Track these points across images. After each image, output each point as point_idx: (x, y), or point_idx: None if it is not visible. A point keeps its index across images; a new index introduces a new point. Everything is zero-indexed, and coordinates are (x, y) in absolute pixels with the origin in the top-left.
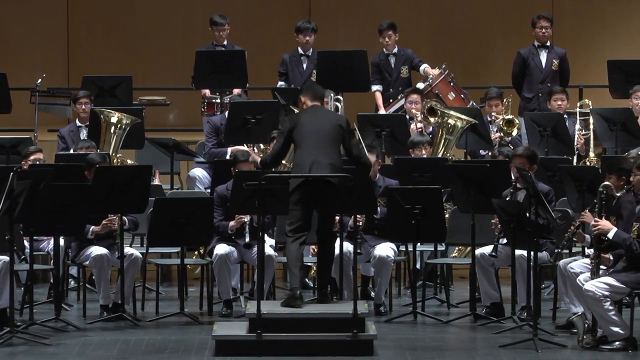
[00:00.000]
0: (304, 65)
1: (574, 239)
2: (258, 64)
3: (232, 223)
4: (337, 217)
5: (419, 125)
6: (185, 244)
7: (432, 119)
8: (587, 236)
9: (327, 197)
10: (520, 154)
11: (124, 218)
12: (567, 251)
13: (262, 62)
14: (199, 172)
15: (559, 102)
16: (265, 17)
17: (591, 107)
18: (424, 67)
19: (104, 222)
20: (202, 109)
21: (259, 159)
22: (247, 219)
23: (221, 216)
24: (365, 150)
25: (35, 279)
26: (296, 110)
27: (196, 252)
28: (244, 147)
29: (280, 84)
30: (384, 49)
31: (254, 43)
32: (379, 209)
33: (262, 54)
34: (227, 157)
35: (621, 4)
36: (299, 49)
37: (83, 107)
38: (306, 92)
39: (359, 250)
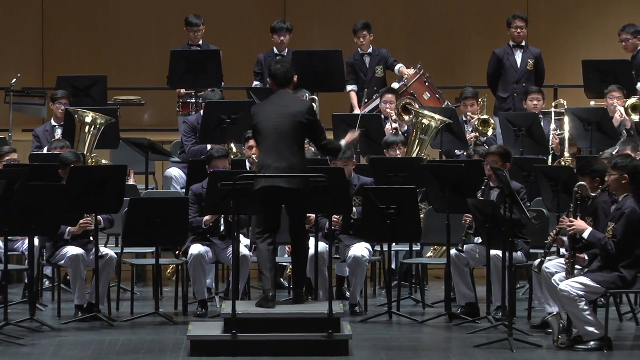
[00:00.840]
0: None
1: (554, 245)
2: (233, 64)
3: (206, 218)
4: (313, 217)
5: (394, 125)
6: (160, 244)
7: (406, 117)
8: (565, 239)
9: (290, 200)
10: (493, 151)
11: (99, 217)
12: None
13: (238, 62)
14: (175, 172)
15: (535, 102)
16: (241, 17)
17: (566, 107)
18: (399, 67)
19: (80, 222)
20: (178, 109)
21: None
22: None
23: (196, 213)
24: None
25: (9, 279)
26: None
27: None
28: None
29: (256, 83)
30: (359, 49)
31: (229, 43)
32: (354, 208)
33: (238, 54)
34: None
35: (596, 4)
36: (274, 49)
37: (62, 107)
38: (273, 76)
39: (336, 255)
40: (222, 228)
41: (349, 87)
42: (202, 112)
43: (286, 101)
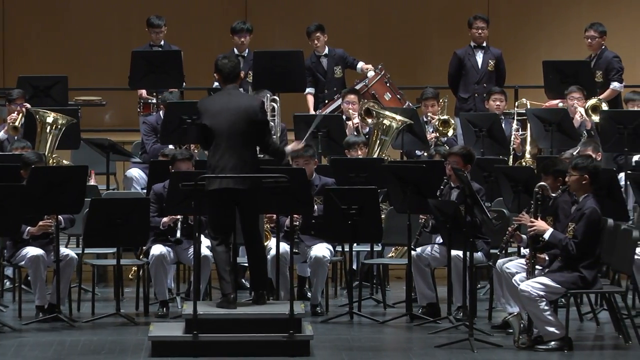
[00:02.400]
0: (240, 66)
1: (512, 240)
2: (195, 64)
3: (164, 219)
4: (274, 217)
5: (355, 121)
6: (121, 245)
7: (369, 120)
8: (524, 236)
9: (243, 200)
10: (455, 152)
11: (60, 217)
12: (502, 253)
13: (199, 63)
14: (135, 173)
15: (498, 103)
16: (202, 17)
17: (528, 107)
18: (360, 65)
19: (40, 223)
20: (139, 110)
21: None
22: (180, 216)
23: (155, 212)
24: None
25: None
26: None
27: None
28: None
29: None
30: (315, 51)
31: (191, 43)
32: (315, 206)
33: (199, 54)
34: (167, 151)
35: (556, 5)
36: (235, 50)
37: (18, 107)
38: (219, 72)
39: (295, 251)
40: (178, 233)
41: (306, 90)
42: (161, 112)
43: (237, 98)
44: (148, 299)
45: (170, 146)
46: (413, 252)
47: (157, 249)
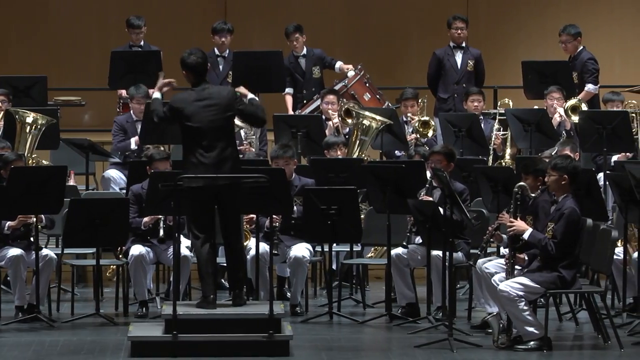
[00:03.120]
0: (221, 67)
1: (492, 240)
2: (174, 65)
3: (146, 219)
4: (254, 217)
5: (335, 121)
6: (100, 245)
7: (349, 120)
8: (504, 236)
9: (224, 197)
10: (437, 151)
11: (41, 215)
12: (482, 253)
13: (178, 63)
14: (113, 173)
15: (476, 104)
16: (181, 17)
17: (511, 107)
18: (339, 64)
19: (20, 217)
20: (118, 110)
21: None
22: (161, 216)
23: (135, 213)
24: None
25: None
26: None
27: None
28: None
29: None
30: (293, 52)
31: (170, 43)
32: (295, 207)
33: (178, 55)
34: (132, 146)
35: (535, 6)
36: (215, 50)
37: (0, 104)
38: (187, 68)
39: (275, 251)
40: (161, 232)
41: (285, 90)
42: (131, 111)
43: (212, 94)
44: (127, 299)
45: (132, 141)
46: (392, 252)
47: (137, 249)
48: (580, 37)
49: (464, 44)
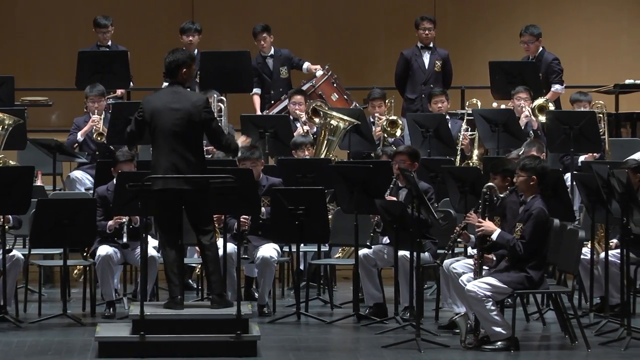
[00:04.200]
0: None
1: (459, 239)
2: (141, 65)
3: (110, 222)
4: (222, 216)
5: (305, 128)
6: (68, 245)
7: (316, 120)
8: (472, 236)
9: (190, 201)
10: (401, 151)
11: (8, 215)
12: (449, 252)
13: (146, 63)
14: (78, 174)
15: (440, 105)
16: (149, 17)
17: (479, 107)
18: (306, 65)
19: None
20: (85, 110)
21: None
22: (125, 219)
23: (101, 216)
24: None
25: None
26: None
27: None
28: None
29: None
30: (260, 52)
31: (137, 43)
32: (263, 208)
33: (146, 54)
34: (78, 137)
35: (502, 6)
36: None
37: None
38: (165, 66)
39: (245, 256)
40: (125, 238)
41: (253, 91)
42: (90, 113)
43: (181, 97)
44: (95, 300)
45: (79, 134)
46: (360, 252)
47: (104, 250)
48: (541, 37)
49: (431, 45)
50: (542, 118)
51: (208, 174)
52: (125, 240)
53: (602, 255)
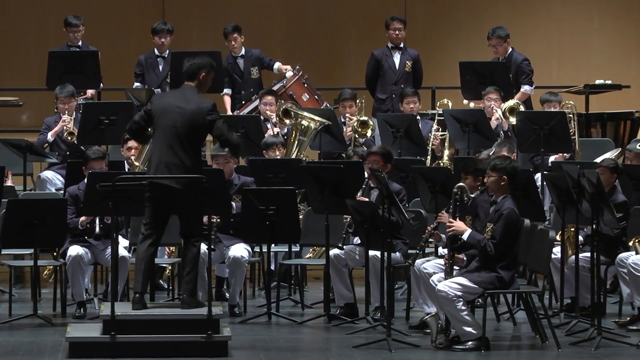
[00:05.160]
0: (160, 67)
1: (431, 239)
2: (112, 65)
3: (82, 218)
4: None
5: (276, 129)
6: (38, 246)
7: (287, 121)
8: (443, 236)
9: (179, 200)
10: (375, 151)
11: None
12: (421, 252)
13: (117, 63)
14: (49, 174)
15: (412, 105)
16: (119, 18)
17: (450, 107)
18: (277, 65)
19: None
20: (56, 110)
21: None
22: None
23: (72, 214)
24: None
25: None
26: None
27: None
28: None
29: (136, 84)
30: (231, 52)
31: (108, 43)
32: (233, 204)
33: (116, 55)
34: (48, 137)
35: (472, 7)
36: (155, 51)
37: None
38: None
39: (213, 248)
40: (97, 229)
41: (223, 91)
42: (60, 113)
43: (188, 97)
44: (65, 300)
45: (49, 134)
46: (331, 253)
47: (74, 250)
48: (509, 38)
49: (401, 45)
50: (513, 120)
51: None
52: (97, 231)
53: (573, 257)
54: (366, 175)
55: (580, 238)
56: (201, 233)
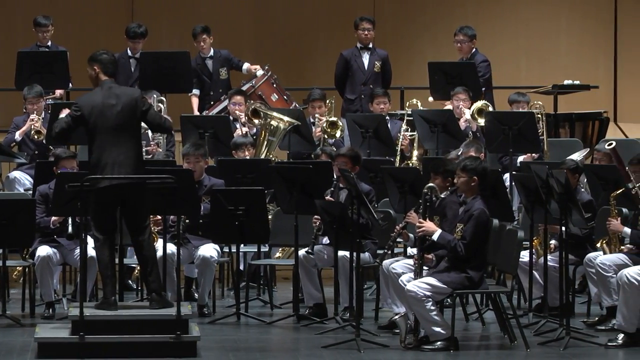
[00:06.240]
0: (132, 68)
1: (399, 239)
2: (81, 65)
3: (54, 218)
4: (160, 220)
5: (244, 129)
6: (6, 246)
7: (256, 121)
8: (412, 235)
9: (131, 196)
10: (343, 153)
11: None
12: (389, 252)
13: (85, 63)
14: (17, 174)
15: (382, 106)
16: (88, 17)
17: (419, 107)
18: (246, 65)
19: None
20: (25, 110)
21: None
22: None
23: (42, 213)
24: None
25: None
26: None
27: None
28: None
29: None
30: (200, 53)
31: (77, 43)
32: (202, 205)
33: (85, 55)
34: (16, 137)
35: (441, 7)
36: (128, 51)
37: None
38: (99, 62)
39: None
40: (70, 229)
41: (192, 91)
42: (28, 113)
43: (119, 92)
44: (34, 301)
45: (17, 134)
46: (300, 253)
47: (43, 250)
48: (475, 39)
49: (370, 45)
50: (482, 121)
51: (145, 167)
52: (70, 231)
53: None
54: (335, 176)
55: (555, 241)
56: (150, 228)
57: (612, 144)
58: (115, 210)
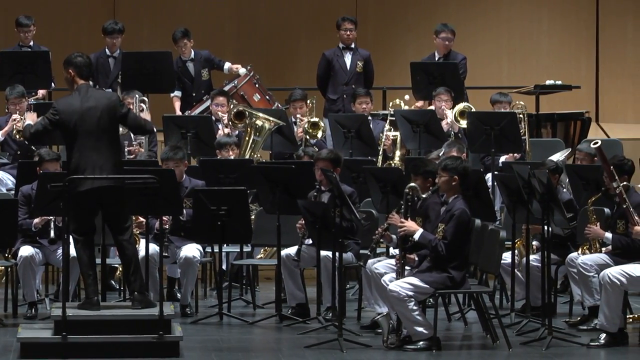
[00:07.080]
0: (111, 67)
1: (382, 240)
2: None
3: (36, 220)
4: (143, 221)
5: (226, 130)
6: None
7: (239, 124)
8: (394, 236)
9: (111, 198)
10: (324, 157)
11: None
12: (372, 254)
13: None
14: None
15: (364, 105)
16: (70, 17)
17: (402, 107)
18: (227, 65)
19: None
20: (7, 111)
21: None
22: (52, 217)
23: (25, 214)
24: None
25: None
26: None
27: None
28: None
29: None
30: (181, 56)
31: (59, 43)
32: (184, 210)
33: (67, 55)
34: None
35: (423, 7)
36: (106, 50)
37: None
38: (73, 66)
39: (165, 254)
40: (52, 233)
41: (174, 92)
42: (11, 114)
43: (96, 95)
44: (16, 301)
45: None
46: (282, 253)
47: (26, 250)
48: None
49: (353, 45)
50: (464, 123)
51: (128, 167)
52: (52, 235)
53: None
54: (317, 178)
55: (537, 242)
56: (132, 229)
57: (597, 143)
58: (95, 213)
